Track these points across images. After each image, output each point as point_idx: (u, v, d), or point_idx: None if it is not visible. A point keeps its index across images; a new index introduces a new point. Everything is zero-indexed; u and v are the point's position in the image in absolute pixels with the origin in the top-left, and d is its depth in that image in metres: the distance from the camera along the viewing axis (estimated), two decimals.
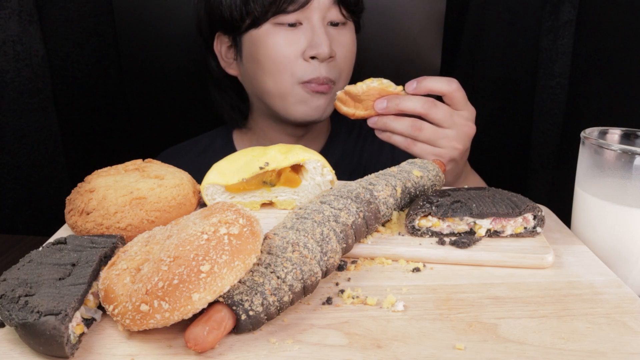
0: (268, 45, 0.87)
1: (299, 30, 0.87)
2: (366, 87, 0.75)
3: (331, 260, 0.49)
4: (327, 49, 0.85)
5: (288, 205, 0.66)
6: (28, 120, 1.04)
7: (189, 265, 0.40)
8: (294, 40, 0.86)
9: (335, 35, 0.89)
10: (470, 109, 0.77)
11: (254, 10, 0.85)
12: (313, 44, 0.86)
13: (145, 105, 1.26)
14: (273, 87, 0.90)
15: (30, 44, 1.01)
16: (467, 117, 0.76)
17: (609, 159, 0.58)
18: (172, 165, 0.68)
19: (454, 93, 0.74)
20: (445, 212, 0.57)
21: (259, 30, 0.87)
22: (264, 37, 0.87)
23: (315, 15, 0.86)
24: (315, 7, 0.86)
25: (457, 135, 0.75)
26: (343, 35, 0.91)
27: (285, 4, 0.84)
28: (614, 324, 0.45)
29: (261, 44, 0.88)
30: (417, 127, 0.74)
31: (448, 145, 0.75)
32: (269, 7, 0.85)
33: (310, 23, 0.87)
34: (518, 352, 0.41)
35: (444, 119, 0.74)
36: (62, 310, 0.39)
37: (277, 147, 0.66)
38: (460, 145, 0.75)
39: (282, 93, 0.90)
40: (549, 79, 1.04)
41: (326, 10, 0.87)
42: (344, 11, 0.90)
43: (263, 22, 0.86)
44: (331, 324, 0.45)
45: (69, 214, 0.59)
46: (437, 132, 0.74)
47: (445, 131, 0.74)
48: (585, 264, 0.56)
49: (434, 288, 0.51)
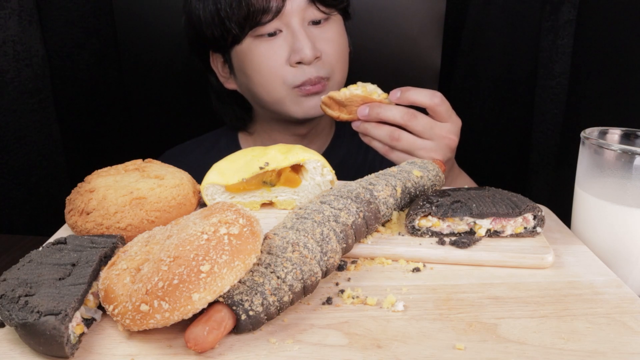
0: (252, 58, 0.87)
1: (280, 38, 0.86)
2: (349, 93, 0.75)
3: (331, 260, 0.49)
4: (310, 51, 0.84)
5: (288, 205, 0.66)
6: (28, 120, 1.04)
7: (189, 265, 0.40)
8: (275, 49, 0.86)
9: (318, 34, 0.88)
10: (454, 121, 0.77)
11: (231, 28, 0.85)
12: (295, 49, 0.85)
13: (145, 105, 1.26)
14: (267, 96, 0.90)
15: (30, 44, 1.01)
16: (449, 129, 0.76)
17: (609, 159, 0.58)
18: (176, 165, 0.68)
19: (436, 107, 0.75)
20: (445, 212, 0.57)
21: (241, 46, 0.88)
22: (247, 52, 0.88)
23: (293, 19, 0.85)
24: (290, 12, 0.85)
25: (437, 147, 0.75)
26: (327, 31, 0.89)
27: (258, 15, 0.84)
28: (614, 324, 0.45)
29: (246, 58, 0.88)
30: (395, 137, 0.76)
31: (426, 155, 0.76)
32: (245, 22, 0.84)
33: (290, 28, 0.86)
34: (518, 352, 0.41)
35: (424, 130, 0.75)
36: (62, 310, 0.39)
37: (277, 147, 0.66)
38: (439, 156, 0.76)
39: (277, 100, 0.90)
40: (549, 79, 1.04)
41: (303, 12, 0.86)
42: (323, 8, 0.88)
43: (243, 37, 0.87)
44: (331, 324, 0.45)
45: (69, 214, 0.59)
46: (416, 142, 0.75)
47: (425, 142, 0.75)
48: (585, 264, 0.56)
49: (434, 288, 0.51)
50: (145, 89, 1.24)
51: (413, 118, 0.74)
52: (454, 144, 0.77)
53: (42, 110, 1.05)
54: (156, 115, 1.27)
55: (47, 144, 1.08)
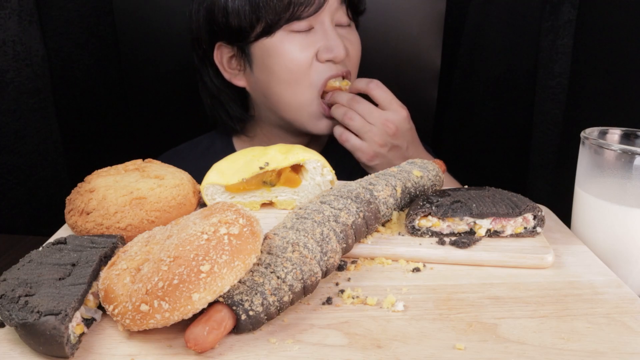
0: (283, 53, 0.85)
1: (312, 35, 0.86)
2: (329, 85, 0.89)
3: (331, 260, 0.49)
4: (344, 50, 0.86)
5: (288, 205, 0.66)
6: (28, 120, 1.04)
7: (189, 265, 0.40)
8: (308, 45, 0.85)
9: (345, 35, 0.90)
10: (395, 109, 0.84)
11: (266, 17, 0.82)
12: (328, 47, 0.85)
13: (145, 105, 1.26)
14: (291, 98, 0.88)
15: (30, 44, 1.01)
16: (388, 117, 0.84)
17: (609, 159, 0.58)
18: None
19: (372, 91, 0.85)
20: (445, 212, 0.57)
21: (271, 39, 0.84)
22: (278, 46, 0.85)
23: (327, 18, 0.86)
24: (327, 10, 0.86)
25: (379, 132, 0.83)
26: (351, 34, 0.92)
27: (299, 9, 0.82)
28: (614, 324, 0.45)
29: (275, 52, 0.85)
30: (348, 117, 0.85)
31: (371, 140, 0.84)
32: (283, 13, 0.82)
33: (323, 26, 0.86)
34: (518, 352, 0.41)
35: (365, 114, 0.84)
36: (62, 310, 0.39)
37: (277, 147, 0.66)
38: (380, 141, 0.83)
39: (300, 105, 0.89)
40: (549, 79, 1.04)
41: (334, 13, 0.87)
42: (350, 13, 0.91)
43: (276, 29, 0.84)
44: (331, 324, 0.45)
45: (69, 214, 0.59)
46: (364, 125, 0.84)
47: (370, 126, 0.84)
48: (585, 264, 0.56)
49: (434, 288, 0.51)
50: (145, 89, 1.24)
51: (355, 102, 0.85)
52: (392, 132, 0.84)
53: (42, 110, 1.05)
54: (156, 115, 1.27)
55: (47, 144, 1.08)
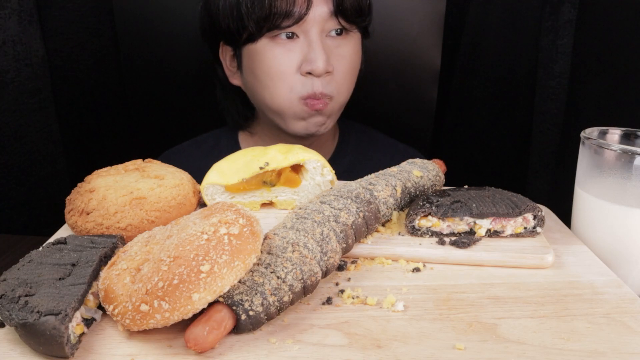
0: (265, 59, 0.85)
1: (296, 43, 0.84)
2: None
3: (331, 260, 0.49)
4: (323, 64, 0.82)
5: (288, 205, 0.66)
6: (28, 120, 1.04)
7: (189, 265, 0.40)
8: (290, 54, 0.84)
9: (334, 48, 0.86)
10: None
11: (249, 25, 0.83)
12: (309, 59, 0.83)
13: (145, 105, 1.26)
14: (271, 101, 0.88)
15: (30, 44, 1.01)
16: None
17: (609, 159, 0.58)
18: (174, 165, 0.68)
19: None
20: (445, 212, 0.57)
21: (255, 45, 0.85)
22: (261, 52, 0.85)
23: (313, 28, 0.83)
24: (311, 20, 0.82)
25: None
26: (344, 46, 0.87)
27: (279, 19, 0.81)
28: (614, 324, 0.45)
29: (258, 58, 0.86)
30: None
31: None
32: (263, 22, 0.82)
33: (307, 37, 0.84)
34: (518, 352, 0.41)
35: None
36: (62, 310, 0.39)
37: (277, 147, 0.66)
38: None
39: (280, 107, 0.88)
40: (549, 79, 1.04)
41: (324, 23, 0.84)
42: (344, 22, 0.86)
43: (259, 37, 0.84)
44: (331, 324, 0.45)
45: (69, 214, 0.59)
46: None
47: None
48: (585, 264, 0.56)
49: (434, 288, 0.51)
50: (145, 89, 1.24)
51: None
52: None
53: (42, 110, 1.05)
54: (156, 115, 1.27)
55: (47, 144, 1.08)
